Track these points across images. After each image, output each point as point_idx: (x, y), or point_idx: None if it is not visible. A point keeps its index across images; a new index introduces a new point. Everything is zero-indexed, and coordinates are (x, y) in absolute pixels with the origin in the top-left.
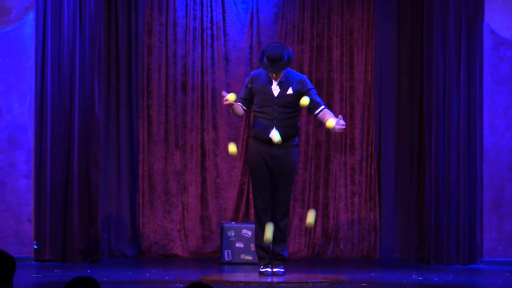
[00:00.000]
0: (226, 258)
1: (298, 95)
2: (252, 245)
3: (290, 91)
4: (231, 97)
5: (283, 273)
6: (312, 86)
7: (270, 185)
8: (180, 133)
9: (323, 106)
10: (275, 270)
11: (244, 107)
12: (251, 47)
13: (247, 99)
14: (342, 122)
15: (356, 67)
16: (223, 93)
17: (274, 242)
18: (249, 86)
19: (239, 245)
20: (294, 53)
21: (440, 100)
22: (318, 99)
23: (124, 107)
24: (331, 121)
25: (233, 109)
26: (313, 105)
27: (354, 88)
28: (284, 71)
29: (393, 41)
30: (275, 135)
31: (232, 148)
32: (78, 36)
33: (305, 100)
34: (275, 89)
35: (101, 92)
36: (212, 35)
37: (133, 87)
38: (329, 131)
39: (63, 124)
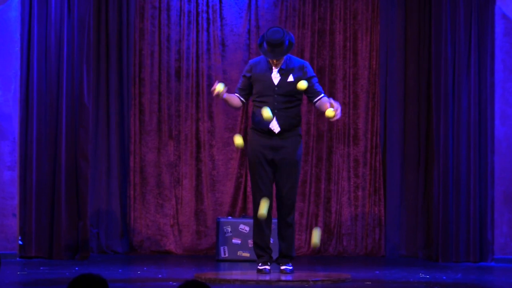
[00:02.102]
0: (222, 255)
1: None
2: (250, 241)
3: (291, 78)
4: (219, 87)
5: (291, 271)
6: (314, 74)
7: (271, 180)
8: (174, 122)
9: (322, 95)
10: (282, 267)
11: (242, 99)
12: (249, 31)
13: (245, 89)
14: (335, 105)
15: (360, 53)
16: (217, 82)
17: (281, 239)
18: (248, 75)
19: (236, 241)
20: (295, 38)
21: (449, 88)
22: (319, 88)
23: (114, 95)
24: (330, 111)
25: (226, 100)
26: (313, 93)
27: (358, 76)
28: (284, 58)
29: (399, 25)
30: (265, 112)
31: (238, 140)
32: (66, 20)
33: (302, 84)
34: (275, 77)
35: (90, 79)
36: (208, 19)
37: (124, 74)
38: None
39: (49, 113)
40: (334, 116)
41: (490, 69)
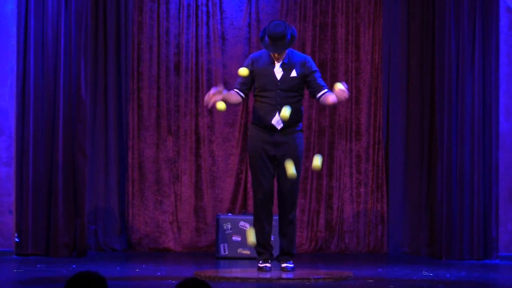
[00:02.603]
0: (222, 253)
1: (302, 78)
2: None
3: (294, 73)
4: (221, 105)
5: (292, 269)
6: (317, 69)
7: (272, 176)
8: (173, 117)
9: (326, 89)
10: (283, 265)
11: (241, 94)
12: (249, 25)
13: (246, 84)
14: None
15: (363, 47)
16: (213, 89)
17: (282, 236)
18: (249, 69)
19: (236, 238)
20: (296, 31)
21: (453, 83)
22: (322, 82)
23: (112, 89)
24: (339, 84)
25: (224, 99)
26: (315, 88)
27: (360, 70)
28: (287, 52)
29: (402, 19)
30: (284, 111)
31: (220, 105)
32: (63, 13)
33: (338, 85)
34: (278, 72)
35: (88, 73)
36: (208, 12)
37: (122, 68)
38: (332, 111)
39: (46, 108)
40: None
41: (495, 63)
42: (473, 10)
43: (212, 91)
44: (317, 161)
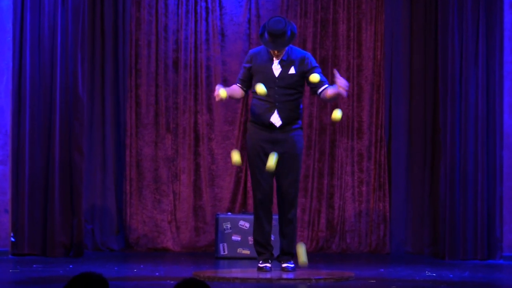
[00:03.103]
0: (222, 252)
1: (301, 75)
2: (250, 238)
3: (292, 70)
4: (223, 93)
5: (292, 269)
6: (317, 65)
7: (272, 175)
8: (172, 115)
9: (326, 85)
10: (284, 265)
11: (244, 88)
12: (249, 21)
13: (246, 80)
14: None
15: (364, 44)
16: (217, 86)
17: (282, 236)
18: (248, 65)
19: (236, 238)
20: (296, 28)
21: (456, 80)
22: (323, 78)
23: (110, 87)
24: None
25: (229, 97)
26: (316, 84)
27: (362, 67)
28: (286, 48)
29: (405, 15)
30: (272, 160)
31: (236, 157)
32: (59, 8)
33: (315, 77)
34: (276, 69)
35: (85, 70)
36: (207, 8)
37: (120, 65)
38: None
39: (43, 105)
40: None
41: (499, 60)
42: (477, 6)
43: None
44: (337, 113)
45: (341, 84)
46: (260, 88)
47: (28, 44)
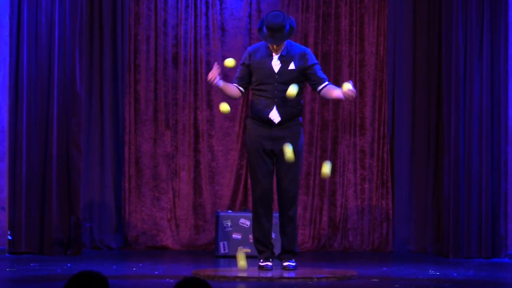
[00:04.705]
0: (222, 251)
1: (301, 71)
2: (251, 237)
3: (292, 66)
4: (224, 108)
5: (294, 267)
6: (316, 61)
7: (271, 171)
8: (171, 111)
9: (327, 82)
10: (285, 264)
11: (240, 88)
12: (250, 15)
13: (243, 78)
14: (353, 89)
15: (367, 39)
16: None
17: (283, 234)
18: (246, 62)
19: (236, 236)
20: (298, 22)
21: (460, 75)
22: (323, 75)
23: (108, 82)
24: (347, 84)
25: (222, 90)
26: (316, 81)
27: (364, 62)
28: (285, 44)
29: (408, 9)
30: (288, 151)
31: (224, 106)
32: (57, 3)
33: (291, 91)
34: (276, 64)
35: (83, 66)
36: (207, 2)
37: (119, 60)
38: (335, 105)
39: (40, 101)
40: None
41: (504, 55)
42: (481, 0)
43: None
44: (326, 168)
45: (350, 94)
46: (224, 107)
47: (25, 39)
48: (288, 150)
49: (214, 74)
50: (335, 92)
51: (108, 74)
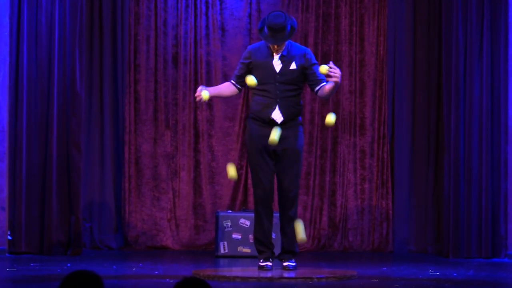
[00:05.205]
0: (222, 251)
1: (302, 70)
2: (251, 237)
3: (293, 66)
4: (204, 95)
5: (294, 267)
6: (316, 62)
7: (272, 171)
8: (171, 111)
9: (324, 83)
10: (285, 264)
11: (238, 86)
12: (250, 15)
13: (242, 76)
14: (332, 65)
15: (367, 39)
16: (200, 87)
17: (283, 234)
18: (246, 61)
19: (236, 236)
20: (298, 22)
21: (460, 75)
22: (321, 76)
23: (108, 82)
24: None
25: (214, 96)
26: (314, 81)
27: (364, 62)
28: (286, 44)
29: (408, 9)
30: (276, 134)
31: (232, 171)
32: (57, 3)
33: (323, 68)
34: (277, 64)
35: (83, 65)
36: (207, 2)
37: (119, 60)
38: (335, 105)
39: (40, 101)
40: (326, 73)
41: (504, 55)
42: (481, 0)
43: (198, 90)
44: (330, 117)
45: (334, 73)
46: (251, 80)
47: (25, 38)
48: (275, 133)
49: (198, 94)
50: (327, 85)
51: (108, 74)
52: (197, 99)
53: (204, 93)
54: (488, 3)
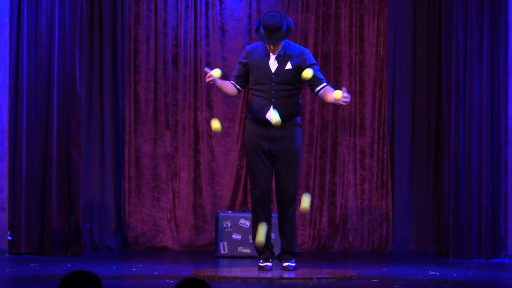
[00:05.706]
0: (222, 251)
1: (297, 70)
2: (250, 237)
3: (288, 66)
4: (215, 73)
5: (294, 268)
6: (315, 61)
7: (270, 172)
8: (171, 111)
9: (325, 83)
10: (285, 264)
11: (237, 86)
12: (250, 16)
13: (241, 77)
14: (346, 94)
15: (367, 39)
16: (206, 69)
17: (282, 235)
18: (244, 61)
19: (236, 236)
20: (298, 23)
21: (460, 75)
22: (321, 76)
23: (108, 82)
24: (338, 92)
25: (219, 87)
26: (314, 81)
27: (364, 63)
28: (283, 44)
29: (408, 9)
30: (273, 116)
31: (216, 124)
32: (57, 3)
33: (307, 73)
34: (273, 64)
35: (83, 66)
36: (207, 3)
37: (119, 60)
38: (335, 105)
39: (40, 101)
40: (339, 99)
41: (504, 55)
42: (481, 0)
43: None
44: (305, 202)
45: (341, 103)
46: (215, 125)
47: (25, 39)
48: (305, 201)
49: (209, 74)
50: (330, 96)
51: (108, 74)
52: (208, 79)
53: (215, 71)
54: (488, 3)
